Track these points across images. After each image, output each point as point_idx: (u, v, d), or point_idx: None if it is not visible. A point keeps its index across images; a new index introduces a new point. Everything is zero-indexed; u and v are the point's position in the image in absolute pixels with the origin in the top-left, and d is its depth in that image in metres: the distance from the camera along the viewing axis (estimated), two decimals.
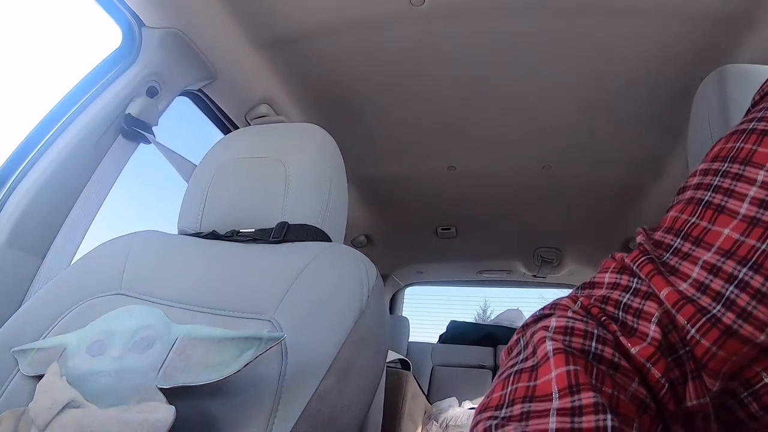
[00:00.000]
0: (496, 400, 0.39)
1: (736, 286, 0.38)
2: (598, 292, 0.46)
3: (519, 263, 3.30)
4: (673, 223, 0.46)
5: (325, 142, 1.07)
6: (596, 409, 0.33)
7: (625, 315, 0.43)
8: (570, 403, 0.34)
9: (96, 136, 1.24)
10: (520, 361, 0.41)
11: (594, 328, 0.41)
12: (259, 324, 0.78)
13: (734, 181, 0.42)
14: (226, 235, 1.02)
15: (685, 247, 0.43)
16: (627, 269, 0.46)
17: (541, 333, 0.41)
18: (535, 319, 0.47)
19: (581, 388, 0.34)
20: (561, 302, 0.47)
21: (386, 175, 2.28)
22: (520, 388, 0.38)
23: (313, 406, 0.69)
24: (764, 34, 1.28)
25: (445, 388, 3.09)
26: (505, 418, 0.36)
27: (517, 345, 0.45)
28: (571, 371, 0.36)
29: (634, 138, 1.84)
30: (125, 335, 0.75)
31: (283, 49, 1.53)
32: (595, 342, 0.40)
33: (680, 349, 0.40)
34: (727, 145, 0.46)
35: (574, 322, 0.42)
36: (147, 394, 0.68)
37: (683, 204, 0.47)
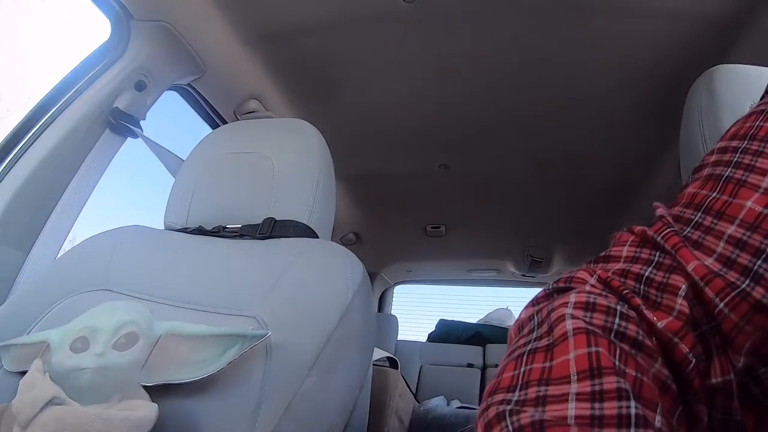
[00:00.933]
0: (507, 380, 0.37)
1: (764, 260, 0.38)
2: (615, 266, 0.45)
3: (508, 262, 3.30)
4: (692, 199, 0.46)
5: (313, 137, 1.06)
6: (619, 395, 0.32)
7: (647, 289, 0.42)
8: (590, 387, 0.33)
9: (83, 130, 1.24)
10: (534, 339, 0.40)
11: (616, 303, 0.40)
12: (243, 321, 0.78)
13: (755, 157, 0.42)
14: (213, 231, 1.01)
15: (706, 220, 0.43)
16: (649, 242, 0.45)
17: (560, 310, 0.40)
18: (548, 293, 0.46)
19: (603, 372, 0.33)
20: (577, 275, 0.45)
21: (376, 172, 2.28)
22: (535, 370, 0.36)
23: (296, 404, 0.69)
24: (754, 36, 1.29)
25: (434, 387, 3.09)
26: (519, 402, 0.34)
27: (530, 322, 0.44)
28: (593, 353, 0.34)
29: (625, 137, 1.84)
30: (108, 331, 0.74)
31: (273, 44, 1.52)
32: (618, 319, 0.38)
33: (704, 324, 0.39)
34: (746, 125, 0.46)
35: (595, 297, 0.41)
36: (130, 391, 0.68)
37: (702, 181, 0.46)
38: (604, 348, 0.35)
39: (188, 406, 0.69)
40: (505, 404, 0.35)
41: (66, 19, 1.58)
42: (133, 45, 1.34)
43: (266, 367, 0.71)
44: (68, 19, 1.55)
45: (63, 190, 1.21)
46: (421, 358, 3.38)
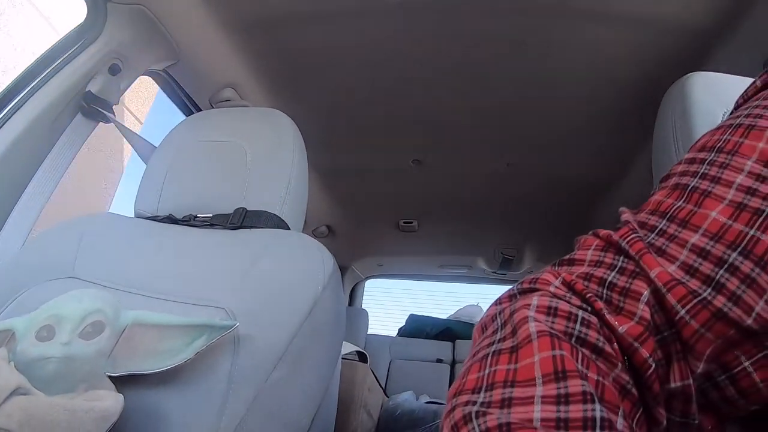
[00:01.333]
0: (473, 382, 0.37)
1: (726, 270, 0.38)
2: (580, 269, 0.45)
3: (480, 259, 3.32)
4: (658, 206, 0.46)
5: (287, 127, 1.06)
6: (584, 398, 0.32)
7: (610, 293, 0.42)
8: (556, 390, 0.33)
9: (54, 114, 1.20)
10: (498, 340, 0.40)
11: (577, 309, 0.40)
12: (212, 312, 0.77)
13: (721, 169, 0.43)
14: (184, 220, 1.00)
15: (671, 228, 0.43)
16: (613, 246, 0.45)
17: (522, 311, 0.40)
18: (512, 294, 0.46)
19: (568, 375, 0.34)
20: (542, 277, 0.46)
21: (350, 165, 2.27)
22: (500, 371, 0.36)
23: (262, 397, 0.68)
24: (728, 46, 1.31)
25: (403, 382, 3.09)
26: (484, 404, 0.35)
27: (493, 323, 0.44)
28: (557, 356, 0.35)
29: (598, 139, 1.85)
30: (74, 320, 0.73)
31: (251, 33, 1.50)
32: (579, 325, 0.39)
33: (665, 330, 0.40)
34: (714, 137, 0.46)
35: (558, 301, 0.41)
36: (95, 381, 0.67)
37: (668, 189, 0.47)
38: (568, 352, 0.35)
39: (154, 397, 0.69)
40: (471, 405, 0.35)
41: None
42: (109, 28, 1.30)
43: (234, 359, 0.71)
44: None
45: (31, 175, 1.18)
46: (391, 352, 3.38)
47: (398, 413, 2.21)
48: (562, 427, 0.32)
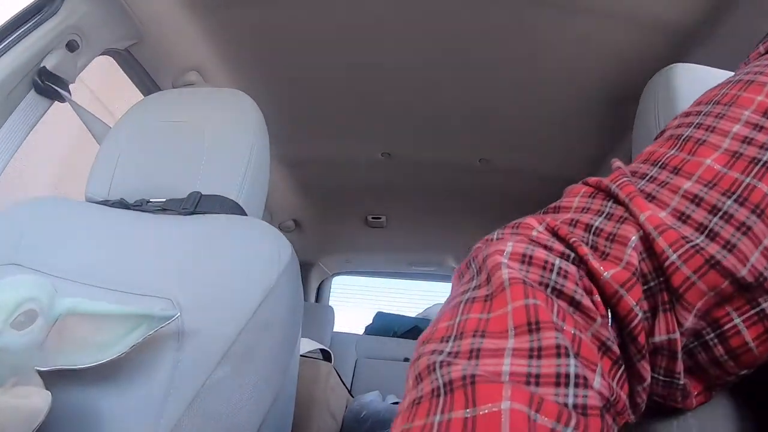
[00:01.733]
0: (442, 331, 0.35)
1: (720, 218, 0.37)
2: (565, 216, 0.43)
3: (450, 257, 3.30)
4: (650, 156, 0.45)
5: (247, 108, 1.01)
6: (558, 352, 0.31)
7: (596, 239, 0.40)
8: (528, 344, 0.31)
9: (5, 90, 1.14)
10: (473, 288, 0.37)
11: (555, 257, 0.38)
12: (157, 302, 0.72)
13: (717, 119, 0.42)
14: (135, 205, 0.94)
15: (662, 175, 0.42)
16: (602, 192, 0.43)
17: (495, 258, 0.37)
18: (489, 239, 0.44)
19: (542, 327, 0.32)
20: (525, 222, 0.43)
21: (318, 156, 2.22)
22: (471, 320, 0.34)
23: (202, 398, 0.63)
24: (711, 41, 1.29)
25: (370, 382, 3.05)
26: (451, 354, 0.33)
27: (468, 269, 0.42)
28: (530, 306, 0.33)
29: (575, 131, 1.83)
30: (8, 309, 0.68)
31: (217, 13, 1.45)
32: (555, 275, 0.36)
33: (652, 280, 0.38)
34: (711, 93, 0.46)
35: (533, 248, 0.38)
36: (24, 376, 0.62)
37: (662, 141, 0.46)
38: (542, 301, 0.33)
39: (87, 395, 0.64)
40: (437, 354, 0.33)
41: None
42: (68, 2, 1.24)
43: (177, 354, 0.66)
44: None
45: None
46: (357, 351, 3.34)
47: (363, 414, 2.17)
48: (532, 382, 0.30)
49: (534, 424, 0.27)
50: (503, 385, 0.29)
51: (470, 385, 0.29)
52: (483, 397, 0.28)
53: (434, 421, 0.29)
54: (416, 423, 0.30)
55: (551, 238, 0.40)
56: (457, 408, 0.29)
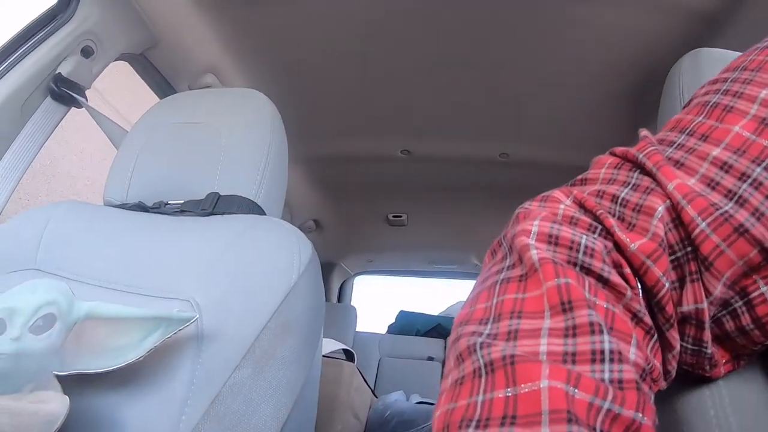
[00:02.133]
0: (481, 312, 0.37)
1: (749, 185, 0.37)
2: (592, 188, 0.44)
3: (472, 255, 3.28)
4: (677, 123, 0.45)
5: (263, 107, 1.00)
6: (592, 330, 0.32)
7: (623, 210, 0.40)
8: (563, 323, 0.32)
9: (22, 97, 1.15)
10: (507, 267, 0.39)
11: (581, 236, 0.38)
12: (177, 304, 0.71)
13: (744, 85, 0.42)
14: (153, 207, 0.94)
15: (690, 142, 0.42)
16: (629, 162, 0.44)
17: (522, 239, 0.38)
18: (517, 216, 0.44)
19: (574, 305, 0.33)
20: (552, 194, 0.44)
21: (337, 155, 2.22)
22: (507, 301, 0.35)
23: (222, 400, 0.62)
24: (731, 27, 1.27)
25: (393, 381, 3.04)
26: (490, 336, 0.34)
27: (500, 248, 0.43)
28: (561, 285, 0.34)
29: (598, 120, 1.80)
30: (26, 313, 0.67)
31: (232, 14, 1.45)
32: (582, 254, 0.37)
33: (679, 250, 0.38)
34: (738, 60, 0.46)
35: (559, 228, 0.39)
36: (42, 381, 0.61)
37: (688, 108, 0.46)
38: (573, 279, 0.34)
39: (106, 399, 0.63)
40: (476, 336, 0.34)
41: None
42: (82, 8, 1.25)
43: (196, 356, 0.65)
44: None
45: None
46: (380, 350, 3.34)
47: (388, 414, 2.16)
48: (569, 360, 0.31)
49: (573, 399, 0.28)
50: (541, 364, 0.30)
51: (510, 365, 0.30)
52: (523, 377, 0.29)
53: (477, 401, 0.30)
54: (460, 402, 0.31)
55: (578, 211, 0.41)
56: (499, 388, 0.30)
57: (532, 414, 0.28)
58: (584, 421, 0.28)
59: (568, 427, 0.27)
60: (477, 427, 0.29)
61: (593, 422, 0.28)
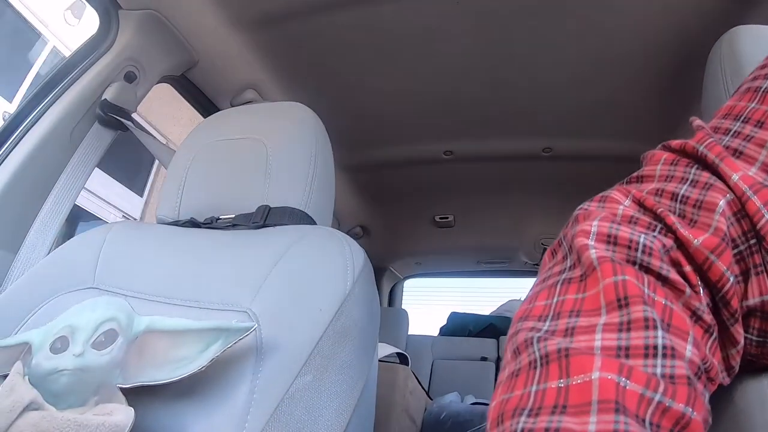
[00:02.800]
0: (540, 309, 0.37)
1: None
2: (649, 186, 0.44)
3: (520, 252, 3.25)
4: (730, 111, 0.45)
5: (307, 119, 1.01)
6: (646, 325, 0.32)
7: (683, 207, 0.40)
8: (618, 318, 0.33)
9: (71, 125, 1.21)
10: (568, 268, 0.39)
11: (640, 235, 0.38)
12: (234, 316, 0.72)
13: None
14: (205, 223, 0.96)
15: (746, 129, 0.42)
16: (687, 157, 0.44)
17: (581, 239, 0.39)
18: (576, 217, 0.44)
19: (630, 301, 0.33)
20: (611, 195, 0.44)
21: (380, 161, 2.22)
22: (568, 301, 0.36)
23: (284, 407, 0.63)
24: None
25: (447, 383, 3.03)
26: (548, 332, 0.35)
27: (560, 247, 0.43)
28: (619, 282, 0.34)
29: (642, 108, 1.77)
30: (88, 330, 0.70)
31: (268, 30, 1.47)
32: (640, 253, 0.37)
33: (742, 243, 0.38)
34: None
35: (618, 228, 0.39)
36: (107, 394, 0.64)
37: (739, 95, 0.46)
38: (631, 276, 0.34)
39: (169, 410, 0.64)
40: (535, 332, 0.35)
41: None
42: (122, 35, 1.31)
43: (256, 366, 0.66)
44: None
45: (51, 187, 1.18)
46: (433, 352, 3.33)
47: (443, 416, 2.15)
48: (622, 354, 0.31)
49: (624, 391, 0.29)
50: (594, 357, 0.30)
51: (564, 358, 0.31)
52: (576, 369, 0.30)
53: (531, 391, 0.31)
54: (515, 393, 0.32)
55: (638, 211, 0.41)
56: (552, 379, 0.31)
57: (582, 404, 0.29)
58: (633, 413, 0.28)
59: (615, 417, 0.28)
60: (529, 415, 0.30)
61: (643, 414, 0.29)
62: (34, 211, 1.15)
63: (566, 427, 0.28)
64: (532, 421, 0.29)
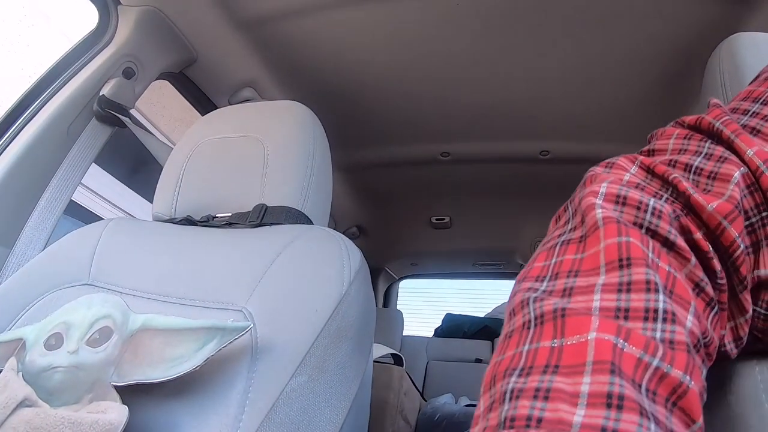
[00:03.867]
0: (537, 270, 0.37)
1: None
2: (662, 158, 0.44)
3: (516, 254, 3.25)
4: (750, 94, 0.45)
5: (305, 118, 1.01)
6: (648, 287, 0.31)
7: (697, 177, 0.40)
8: (618, 278, 0.32)
9: (68, 120, 1.20)
10: (568, 231, 0.39)
11: (649, 198, 0.38)
12: (229, 314, 0.72)
13: None
14: (202, 220, 0.96)
15: (765, 110, 0.42)
16: (701, 132, 0.44)
17: (589, 199, 0.38)
18: (584, 180, 0.44)
19: (632, 262, 0.32)
20: (618, 162, 0.44)
21: (378, 162, 2.22)
22: (566, 261, 0.36)
23: (280, 408, 0.63)
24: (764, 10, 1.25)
25: (441, 384, 3.03)
26: (545, 292, 0.34)
27: (565, 213, 0.43)
28: (623, 243, 0.33)
29: (639, 113, 1.76)
30: (83, 327, 0.70)
31: (267, 28, 1.47)
32: (649, 215, 0.36)
33: (753, 216, 0.38)
34: None
35: (627, 190, 0.39)
36: (101, 392, 0.63)
37: (759, 81, 0.46)
38: (636, 238, 0.34)
39: (164, 408, 0.64)
40: (531, 292, 0.34)
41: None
42: (121, 31, 1.30)
43: (251, 365, 0.66)
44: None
45: (47, 182, 1.17)
46: (428, 353, 3.33)
47: (437, 417, 2.16)
48: (621, 316, 0.31)
49: (621, 353, 0.28)
50: (591, 317, 0.30)
51: (560, 318, 0.31)
52: (571, 329, 0.30)
53: (523, 351, 0.31)
54: (507, 354, 0.32)
55: (646, 178, 0.41)
56: (545, 338, 0.30)
57: (575, 364, 0.28)
58: (629, 377, 0.28)
59: (610, 378, 0.27)
60: (519, 375, 0.30)
61: (640, 379, 0.28)
62: (30, 207, 1.14)
63: (557, 387, 0.28)
64: (522, 381, 0.29)
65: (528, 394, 0.28)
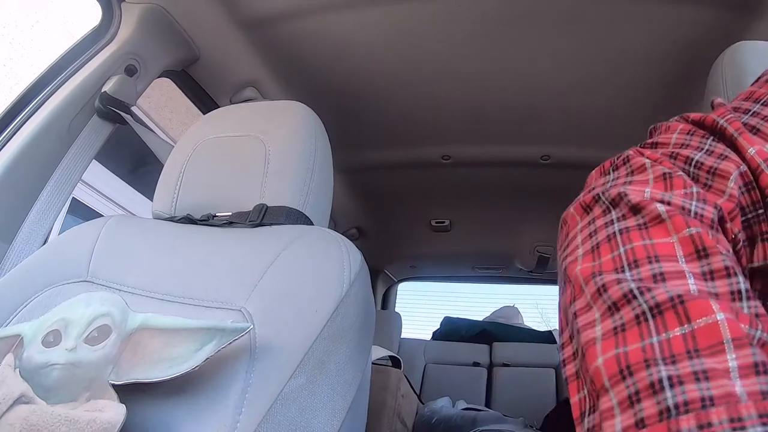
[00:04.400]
0: (611, 263, 0.38)
1: None
2: (664, 150, 0.46)
3: (515, 259, 3.24)
4: (751, 95, 0.47)
5: (307, 118, 1.01)
6: (728, 273, 0.33)
7: (697, 171, 0.42)
8: (700, 268, 0.34)
9: (69, 117, 1.20)
10: (617, 219, 0.40)
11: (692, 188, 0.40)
12: (228, 314, 0.72)
13: None
14: (202, 219, 0.96)
15: (765, 111, 0.44)
16: (704, 129, 0.46)
17: (639, 189, 0.40)
18: (604, 172, 0.48)
19: (709, 252, 0.34)
20: (630, 155, 0.47)
21: (378, 163, 2.22)
22: (638, 248, 0.37)
23: (277, 408, 0.62)
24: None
25: (439, 387, 3.02)
26: (636, 281, 0.35)
27: (597, 203, 0.44)
28: (694, 234, 0.36)
29: (641, 119, 1.75)
30: (81, 325, 0.69)
31: (269, 28, 1.47)
32: (695, 201, 0.39)
33: (750, 212, 0.41)
34: None
35: (671, 172, 0.41)
36: (98, 390, 0.63)
37: (761, 83, 0.48)
38: (704, 230, 0.36)
39: (161, 408, 0.64)
40: (627, 283, 0.35)
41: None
42: (124, 28, 1.30)
43: (250, 366, 0.65)
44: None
45: (47, 178, 1.17)
46: (426, 356, 3.32)
47: (434, 421, 2.15)
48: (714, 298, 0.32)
49: (743, 330, 0.30)
50: (710, 300, 0.31)
51: (680, 305, 0.32)
52: (696, 313, 0.31)
53: (653, 342, 0.32)
54: (632, 346, 0.32)
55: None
56: (672, 327, 0.31)
57: (714, 344, 0.30)
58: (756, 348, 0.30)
59: (752, 350, 0.29)
60: (666, 363, 0.30)
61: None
62: (30, 203, 1.14)
63: (710, 367, 0.29)
64: (674, 369, 0.30)
65: (689, 379, 0.29)
